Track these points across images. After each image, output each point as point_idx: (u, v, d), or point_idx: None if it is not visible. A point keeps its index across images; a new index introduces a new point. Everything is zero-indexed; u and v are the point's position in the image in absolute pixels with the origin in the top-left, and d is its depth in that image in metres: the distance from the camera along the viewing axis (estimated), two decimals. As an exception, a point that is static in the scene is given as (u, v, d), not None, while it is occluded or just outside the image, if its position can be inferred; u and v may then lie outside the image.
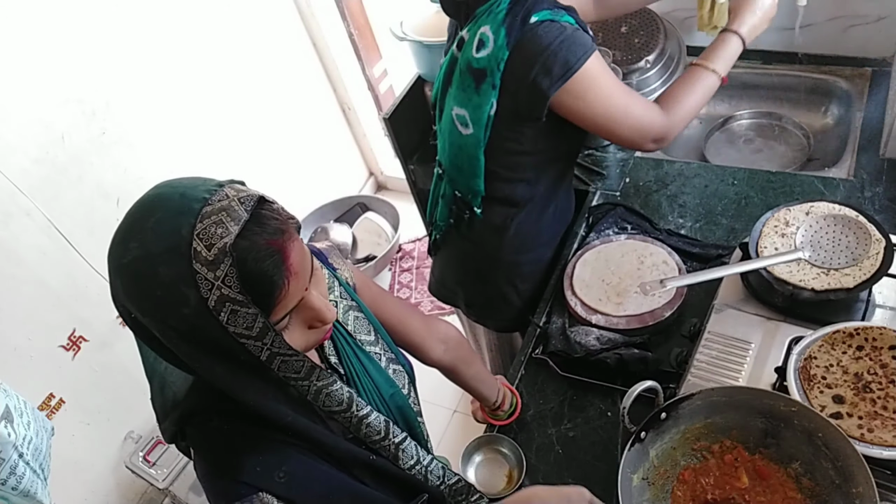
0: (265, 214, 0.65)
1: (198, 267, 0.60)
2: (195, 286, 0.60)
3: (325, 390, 0.75)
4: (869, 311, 1.12)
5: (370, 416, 0.81)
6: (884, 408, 0.92)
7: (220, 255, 0.60)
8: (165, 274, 0.60)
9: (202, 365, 0.66)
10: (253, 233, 0.62)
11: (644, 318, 1.26)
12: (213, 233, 0.60)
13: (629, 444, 0.93)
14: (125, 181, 2.10)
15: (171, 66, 2.18)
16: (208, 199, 0.62)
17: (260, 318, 0.63)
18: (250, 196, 0.64)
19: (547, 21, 1.10)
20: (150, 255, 0.61)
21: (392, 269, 3.02)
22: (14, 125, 1.77)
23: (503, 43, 1.11)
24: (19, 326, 1.83)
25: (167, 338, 0.64)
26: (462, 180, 1.34)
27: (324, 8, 2.64)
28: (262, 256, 0.62)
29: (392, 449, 0.84)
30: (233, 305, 0.61)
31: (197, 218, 0.61)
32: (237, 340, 0.63)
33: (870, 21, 1.63)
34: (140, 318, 0.64)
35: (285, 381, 0.71)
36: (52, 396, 1.95)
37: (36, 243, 1.84)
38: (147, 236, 0.61)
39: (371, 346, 0.92)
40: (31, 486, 1.43)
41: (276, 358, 0.67)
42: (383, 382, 0.90)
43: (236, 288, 0.60)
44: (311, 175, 2.94)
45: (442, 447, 2.32)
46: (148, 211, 0.63)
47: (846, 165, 1.51)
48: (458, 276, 1.57)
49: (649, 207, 1.54)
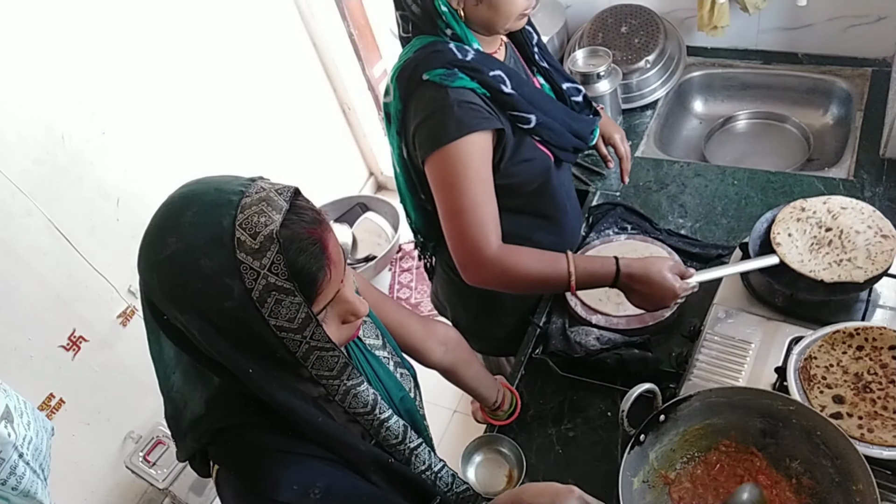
0: (302, 205, 0.65)
1: (242, 257, 0.59)
2: (239, 277, 0.59)
3: (353, 390, 0.75)
4: (869, 311, 1.12)
5: (391, 420, 0.81)
6: (884, 408, 0.92)
7: (267, 242, 0.60)
8: (208, 266, 0.59)
9: (237, 364, 0.64)
10: (293, 222, 0.63)
11: (644, 318, 1.26)
12: (257, 221, 0.60)
13: (629, 448, 0.93)
14: (125, 181, 2.09)
15: (171, 66, 2.18)
16: (245, 192, 0.62)
17: (304, 308, 0.62)
18: (286, 188, 0.65)
19: (434, 84, 1.03)
20: (191, 248, 0.60)
21: (392, 269, 3.02)
22: (14, 125, 1.77)
23: (397, 95, 1.10)
24: (19, 326, 1.83)
25: (205, 335, 0.63)
26: (411, 214, 1.33)
27: (324, 8, 2.64)
28: (305, 245, 0.62)
29: (406, 453, 0.84)
30: (278, 294, 0.60)
31: (237, 209, 0.60)
32: (277, 334, 0.63)
33: (870, 21, 1.63)
34: (177, 317, 0.63)
35: (317, 380, 0.70)
36: (52, 396, 1.95)
37: (36, 243, 1.84)
38: (186, 230, 0.60)
39: (379, 349, 0.92)
40: (31, 486, 1.42)
41: (313, 353, 0.67)
42: (393, 386, 0.90)
43: (283, 275, 0.60)
44: (311, 175, 2.94)
45: (442, 447, 2.32)
46: (183, 206, 0.62)
47: (846, 165, 1.51)
48: (446, 293, 1.52)
49: (649, 207, 1.53)
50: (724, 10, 1.66)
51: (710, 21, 1.69)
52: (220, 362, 0.65)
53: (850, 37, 1.68)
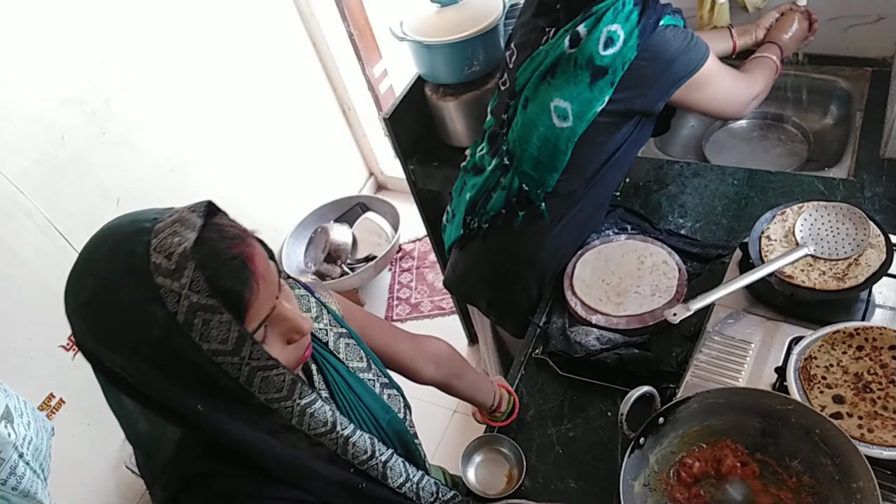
0: (221, 223, 0.63)
1: (160, 280, 0.57)
2: (161, 302, 0.57)
3: (308, 409, 0.72)
4: (869, 311, 1.12)
5: (355, 435, 0.78)
6: (884, 408, 0.92)
7: (183, 260, 0.57)
8: (128, 296, 0.58)
9: (183, 403, 0.62)
10: (211, 239, 0.60)
11: (644, 318, 1.26)
12: (171, 242, 0.58)
13: (629, 451, 0.93)
14: (125, 181, 2.10)
15: (171, 66, 2.18)
16: (159, 218, 0.61)
17: (235, 326, 0.60)
18: (199, 204, 0.63)
19: (672, 26, 1.20)
20: (108, 283, 0.58)
21: (392, 269, 3.02)
22: (14, 125, 1.77)
23: (634, 44, 1.17)
24: (19, 326, 1.83)
25: (141, 374, 0.61)
26: (536, 173, 1.35)
27: (324, 8, 2.64)
28: (225, 259, 0.60)
29: (380, 468, 0.81)
30: (204, 314, 0.58)
31: (151, 234, 0.59)
32: (213, 360, 0.60)
33: (870, 21, 1.63)
34: (113, 360, 0.61)
35: (267, 405, 0.67)
36: (52, 396, 1.95)
37: (36, 243, 1.84)
38: (101, 266, 0.59)
39: (364, 372, 0.90)
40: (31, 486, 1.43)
41: (255, 375, 0.63)
42: (379, 409, 0.89)
43: (205, 292, 0.58)
44: (311, 175, 2.94)
45: (442, 447, 2.32)
46: (98, 244, 0.61)
47: (846, 165, 1.50)
48: (486, 273, 1.56)
49: (649, 207, 1.53)
50: (723, 10, 1.65)
51: (710, 21, 1.68)
52: (171, 408, 0.63)
53: (850, 37, 1.68)
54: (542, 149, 1.32)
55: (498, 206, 1.44)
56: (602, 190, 1.41)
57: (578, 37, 1.20)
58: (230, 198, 2.55)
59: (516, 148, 1.36)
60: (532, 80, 1.29)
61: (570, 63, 1.22)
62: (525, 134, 1.33)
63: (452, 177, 1.63)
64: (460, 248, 1.59)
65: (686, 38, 1.21)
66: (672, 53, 1.20)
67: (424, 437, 0.99)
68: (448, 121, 1.86)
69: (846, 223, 1.14)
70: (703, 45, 1.23)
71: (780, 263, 1.12)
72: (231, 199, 2.54)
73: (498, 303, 1.58)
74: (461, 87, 1.80)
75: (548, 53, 1.25)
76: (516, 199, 1.41)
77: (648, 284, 1.31)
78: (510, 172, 1.40)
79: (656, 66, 1.20)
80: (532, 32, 1.31)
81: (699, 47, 1.22)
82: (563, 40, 1.22)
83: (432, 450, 2.29)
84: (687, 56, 1.21)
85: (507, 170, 1.40)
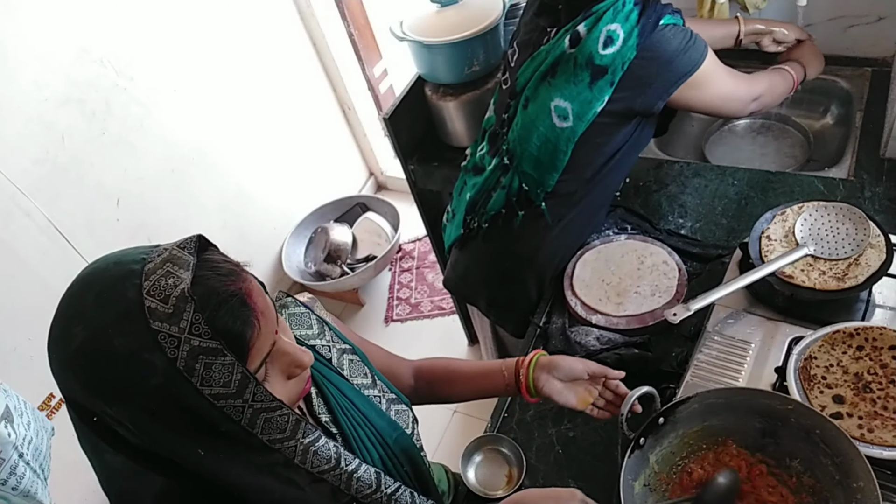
0: (213, 258, 0.61)
1: (157, 325, 0.54)
2: (159, 348, 0.54)
3: (311, 448, 0.69)
4: (869, 311, 1.12)
5: (360, 470, 0.75)
6: (884, 408, 0.92)
7: (181, 303, 0.55)
8: (122, 345, 0.54)
9: (181, 451, 0.59)
10: (206, 278, 0.58)
11: (644, 318, 1.26)
12: (165, 284, 0.55)
13: (629, 451, 0.93)
14: (125, 181, 2.10)
15: (171, 66, 2.18)
16: (147, 258, 0.58)
17: (238, 369, 0.57)
18: (189, 239, 0.60)
19: (671, 25, 1.20)
20: (100, 331, 0.55)
21: (392, 269, 3.02)
22: (14, 125, 1.77)
23: (634, 43, 1.17)
24: (19, 326, 1.83)
25: (139, 425, 0.57)
26: (536, 174, 1.35)
27: (324, 8, 2.64)
28: (224, 298, 0.57)
29: (384, 501, 0.78)
30: (206, 358, 0.55)
31: (142, 277, 0.56)
32: (215, 404, 0.57)
33: (870, 21, 1.63)
34: (106, 412, 0.57)
35: (269, 446, 0.64)
36: (52, 396, 1.95)
37: (36, 243, 1.84)
38: (91, 314, 0.55)
39: (369, 389, 0.88)
40: (31, 486, 1.42)
41: (259, 417, 0.61)
42: (386, 426, 0.86)
43: (206, 335, 0.55)
44: (311, 175, 2.94)
45: (442, 447, 2.32)
46: (84, 289, 0.57)
47: (846, 165, 1.50)
48: (486, 273, 1.56)
49: (649, 207, 1.53)
50: (724, 9, 1.65)
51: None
52: (163, 458, 0.60)
53: (850, 37, 1.68)
54: (543, 148, 1.32)
55: (498, 206, 1.44)
56: (602, 191, 1.41)
57: (578, 36, 1.20)
58: (231, 197, 2.55)
59: (516, 148, 1.36)
60: (532, 80, 1.29)
61: (570, 63, 1.22)
62: (525, 134, 1.33)
63: (452, 177, 1.63)
64: (460, 248, 1.59)
65: (685, 37, 1.21)
66: (671, 53, 1.20)
67: (425, 437, 0.99)
68: (448, 121, 1.86)
69: (846, 223, 1.14)
70: (703, 43, 1.23)
71: (780, 263, 1.12)
72: (231, 198, 2.54)
73: (497, 303, 1.58)
74: (461, 87, 1.80)
75: (548, 53, 1.25)
76: (516, 199, 1.41)
77: (648, 284, 1.31)
78: (510, 172, 1.40)
79: (655, 65, 1.20)
80: (534, 32, 1.31)
81: (698, 46, 1.22)
82: (563, 40, 1.22)
83: (433, 450, 2.29)
84: (686, 55, 1.21)
85: (508, 169, 1.40)
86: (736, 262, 1.25)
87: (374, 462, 0.83)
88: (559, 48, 1.23)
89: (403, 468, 0.88)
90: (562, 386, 0.98)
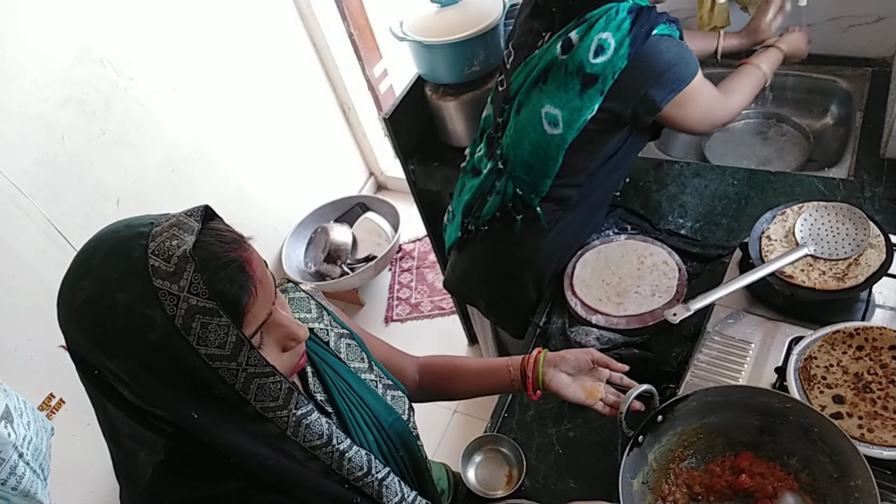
0: (218, 227, 0.64)
1: (159, 283, 0.57)
2: (159, 304, 0.57)
3: (304, 420, 0.70)
4: (869, 311, 1.12)
5: (351, 451, 0.76)
6: (884, 408, 0.92)
7: (182, 262, 0.57)
8: (125, 299, 0.57)
9: (177, 410, 0.61)
10: (209, 243, 0.61)
11: (644, 318, 1.26)
12: (170, 245, 0.58)
13: (628, 449, 0.93)
14: (125, 181, 2.10)
15: (171, 66, 2.18)
16: (155, 223, 0.61)
17: (233, 331, 0.59)
18: (196, 208, 0.64)
19: (666, 36, 1.17)
20: (105, 286, 0.58)
21: (392, 269, 3.02)
22: (14, 125, 1.77)
23: (625, 53, 1.16)
24: (19, 326, 1.83)
25: (137, 379, 0.59)
26: (529, 178, 1.35)
27: (324, 8, 2.64)
28: (224, 263, 0.60)
29: (375, 485, 0.78)
30: (203, 317, 0.57)
31: (149, 238, 0.59)
32: (210, 364, 0.59)
33: (870, 21, 1.63)
34: (106, 364, 0.60)
35: (263, 414, 0.66)
36: (52, 396, 1.95)
37: (36, 243, 1.84)
38: (98, 270, 0.59)
39: (366, 373, 0.89)
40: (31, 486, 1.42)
41: (252, 382, 0.63)
42: (382, 410, 0.87)
43: (204, 295, 0.57)
44: (311, 175, 2.94)
45: (442, 447, 2.32)
46: (94, 248, 0.61)
47: (846, 165, 1.51)
48: (485, 274, 1.56)
49: (649, 207, 1.53)
50: (724, 9, 1.65)
51: (710, 21, 1.68)
52: (161, 417, 0.62)
53: (850, 37, 1.68)
54: (534, 154, 1.31)
55: (492, 211, 1.44)
56: (599, 195, 1.41)
57: (570, 43, 1.20)
58: (230, 197, 2.55)
59: (510, 153, 1.36)
60: (525, 85, 1.29)
61: (561, 70, 1.21)
62: (517, 139, 1.33)
63: (452, 177, 1.63)
64: (459, 251, 1.59)
65: (678, 51, 1.18)
66: (662, 65, 1.18)
67: (425, 437, 0.99)
68: (448, 121, 1.86)
69: (846, 223, 1.14)
70: (694, 60, 1.21)
71: (780, 263, 1.12)
72: (231, 198, 2.54)
73: (497, 304, 1.59)
74: (461, 87, 1.80)
75: (541, 59, 1.25)
76: (512, 204, 1.40)
77: (648, 284, 1.31)
78: (504, 177, 1.40)
79: (644, 75, 1.18)
80: (529, 34, 1.31)
81: (689, 63, 1.20)
82: (555, 46, 1.22)
83: (433, 449, 2.29)
84: (676, 69, 1.19)
85: (502, 174, 1.40)
86: (736, 262, 1.25)
87: (369, 444, 0.83)
88: (551, 54, 1.22)
89: (398, 453, 0.88)
90: (569, 380, 1.00)
